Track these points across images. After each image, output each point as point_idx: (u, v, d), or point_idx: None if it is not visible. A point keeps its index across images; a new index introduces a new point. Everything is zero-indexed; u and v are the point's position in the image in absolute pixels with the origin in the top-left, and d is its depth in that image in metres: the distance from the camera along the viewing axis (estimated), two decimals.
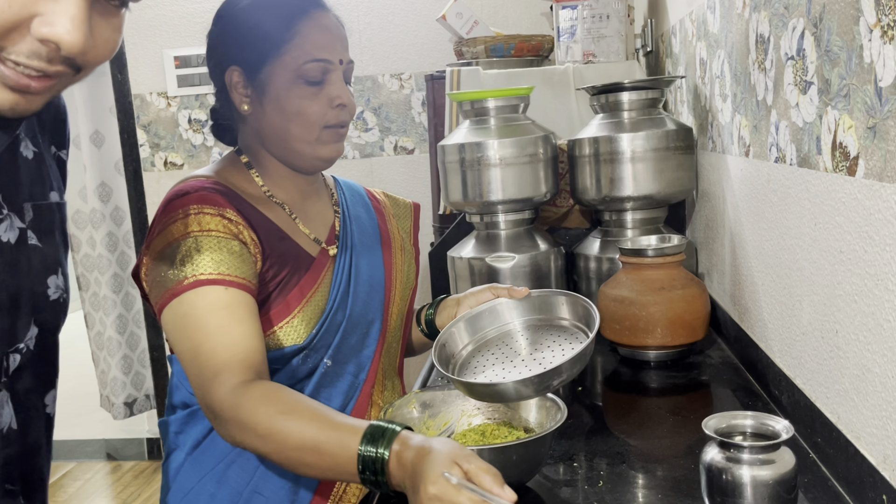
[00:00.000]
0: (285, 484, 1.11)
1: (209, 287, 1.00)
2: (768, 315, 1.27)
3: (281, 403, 0.94)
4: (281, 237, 1.13)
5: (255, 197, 1.15)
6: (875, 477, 0.86)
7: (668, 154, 1.63)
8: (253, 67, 1.11)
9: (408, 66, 3.20)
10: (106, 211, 3.65)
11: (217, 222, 1.04)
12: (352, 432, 0.89)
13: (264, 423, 0.92)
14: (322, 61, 1.11)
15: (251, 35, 1.11)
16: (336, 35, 1.14)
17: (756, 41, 1.24)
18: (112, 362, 3.68)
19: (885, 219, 0.82)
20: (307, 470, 0.94)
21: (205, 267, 1.01)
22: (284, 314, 1.10)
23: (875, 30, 0.80)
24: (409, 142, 3.24)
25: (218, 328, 0.99)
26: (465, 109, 1.77)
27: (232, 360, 0.97)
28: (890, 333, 0.82)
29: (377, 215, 1.32)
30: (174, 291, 1.01)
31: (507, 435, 1.11)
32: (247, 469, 1.12)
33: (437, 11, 2.87)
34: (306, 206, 1.21)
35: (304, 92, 1.11)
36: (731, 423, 0.88)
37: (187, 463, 1.14)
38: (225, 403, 0.95)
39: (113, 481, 3.40)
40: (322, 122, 1.12)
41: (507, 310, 1.23)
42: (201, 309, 1.00)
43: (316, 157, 1.15)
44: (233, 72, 1.12)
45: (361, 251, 1.23)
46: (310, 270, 1.14)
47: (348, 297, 1.18)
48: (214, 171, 1.16)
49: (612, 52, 2.19)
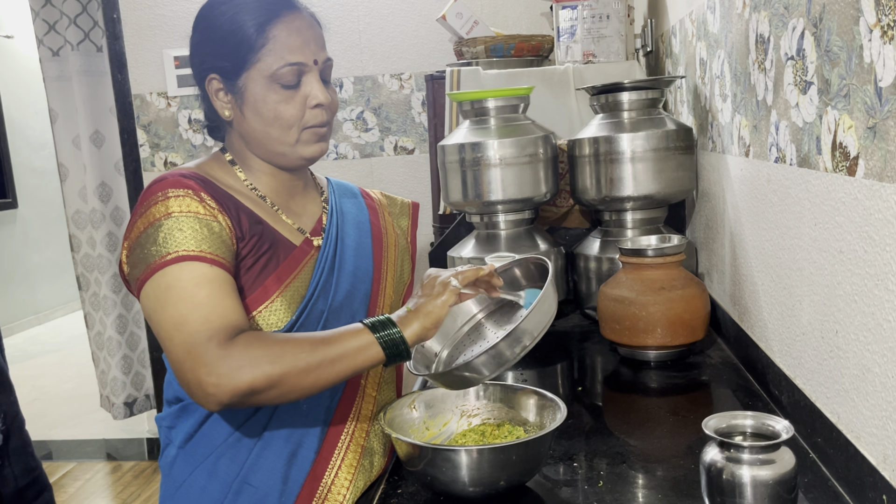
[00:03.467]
0: (275, 474, 1.13)
1: (194, 262, 1.01)
2: (768, 315, 1.27)
3: (273, 335, 1.00)
4: (259, 223, 1.14)
5: (237, 189, 1.16)
6: (875, 477, 0.86)
7: (668, 154, 1.63)
8: (230, 75, 1.13)
9: (408, 66, 3.20)
10: (106, 211, 3.65)
11: (196, 204, 1.06)
12: (354, 330, 1.02)
13: (276, 344, 0.97)
14: (296, 65, 1.11)
15: (226, 43, 1.11)
16: (309, 35, 1.13)
17: (756, 41, 1.24)
18: (112, 362, 3.68)
19: (885, 219, 0.82)
20: (318, 378, 0.98)
21: (188, 244, 1.02)
22: (263, 299, 1.10)
23: (875, 30, 0.80)
24: (409, 142, 3.24)
25: (208, 298, 1.00)
26: (465, 109, 1.77)
27: (226, 325, 0.98)
28: (890, 333, 0.82)
29: (369, 211, 1.33)
30: (156, 266, 1.02)
31: (507, 435, 1.11)
32: (236, 461, 1.13)
33: (437, 11, 2.87)
34: (292, 201, 1.22)
35: (280, 96, 1.11)
36: (731, 423, 0.88)
37: (179, 457, 1.16)
38: (227, 350, 0.96)
39: (113, 481, 3.40)
40: (300, 123, 1.13)
41: (472, 300, 1.22)
42: (186, 281, 1.00)
43: (299, 157, 1.16)
44: (212, 80, 1.15)
45: (348, 243, 1.24)
46: (289, 257, 1.15)
47: (330, 286, 1.18)
48: (196, 165, 1.18)
49: (612, 52, 2.19)
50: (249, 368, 0.95)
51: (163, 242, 1.02)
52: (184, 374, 0.97)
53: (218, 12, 1.13)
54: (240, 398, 0.96)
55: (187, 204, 1.05)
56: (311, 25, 1.15)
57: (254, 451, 1.13)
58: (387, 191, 1.45)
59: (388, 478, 1.12)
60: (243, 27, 1.10)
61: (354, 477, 1.18)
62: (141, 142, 3.39)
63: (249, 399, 0.97)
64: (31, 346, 5.78)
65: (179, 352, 0.98)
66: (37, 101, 6.15)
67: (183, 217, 1.04)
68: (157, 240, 1.03)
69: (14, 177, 6.23)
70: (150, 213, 1.05)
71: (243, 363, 0.95)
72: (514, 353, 1.01)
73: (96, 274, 3.69)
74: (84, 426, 3.97)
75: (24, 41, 6.23)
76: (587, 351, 1.63)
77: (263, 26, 1.10)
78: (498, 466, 0.97)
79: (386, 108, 3.23)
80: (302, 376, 0.97)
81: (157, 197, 1.06)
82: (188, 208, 1.05)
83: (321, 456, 1.16)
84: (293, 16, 1.13)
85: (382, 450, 1.24)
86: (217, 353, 0.95)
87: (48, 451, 3.73)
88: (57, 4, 3.52)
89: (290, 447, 1.14)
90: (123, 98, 3.34)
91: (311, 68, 1.13)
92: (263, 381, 0.95)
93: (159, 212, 1.05)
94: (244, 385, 0.95)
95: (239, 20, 1.11)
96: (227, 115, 1.16)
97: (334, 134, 3.24)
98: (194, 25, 1.16)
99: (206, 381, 0.95)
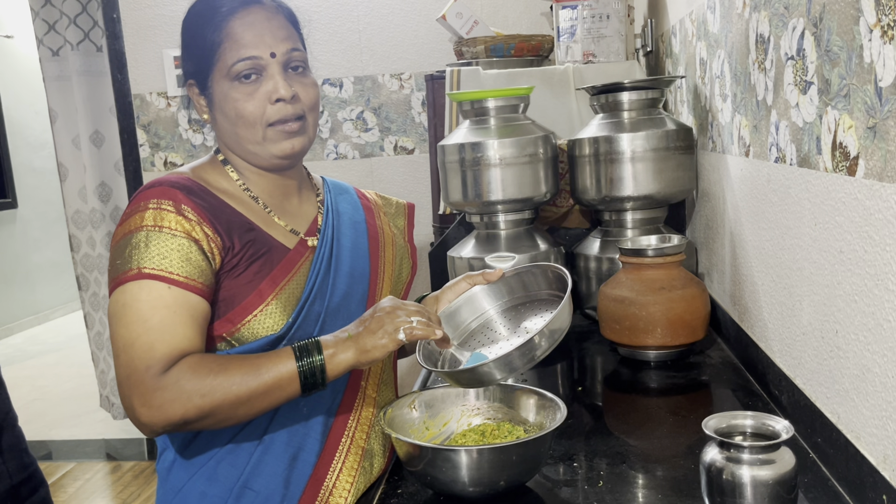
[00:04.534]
0: (276, 478, 1.12)
1: (152, 282, 1.01)
2: (768, 315, 1.27)
3: (209, 362, 0.99)
4: (250, 228, 1.13)
5: (229, 192, 1.16)
6: (875, 477, 0.86)
7: (668, 154, 1.63)
8: (201, 78, 1.14)
9: (408, 66, 3.20)
10: (106, 211, 3.65)
11: (172, 218, 1.05)
12: (284, 355, 1.01)
13: (210, 375, 0.98)
14: (250, 59, 1.09)
15: (194, 48, 1.13)
16: (264, 28, 1.11)
17: (756, 41, 1.24)
18: (112, 362, 3.68)
19: (885, 219, 0.82)
20: (255, 403, 0.99)
21: (150, 261, 1.02)
22: (258, 303, 1.09)
23: (875, 30, 0.80)
24: (409, 142, 3.24)
25: (160, 324, 1.00)
26: (465, 109, 1.77)
27: (169, 353, 0.99)
28: (890, 333, 0.82)
29: (365, 211, 1.32)
30: (119, 280, 1.02)
31: (507, 435, 1.11)
32: (237, 465, 1.12)
33: (437, 11, 2.87)
34: (286, 202, 1.21)
35: (240, 93, 1.10)
36: (731, 423, 0.88)
37: (178, 461, 1.15)
38: (161, 382, 0.96)
39: (113, 481, 3.40)
40: (263, 120, 1.11)
41: (485, 297, 1.23)
42: (143, 303, 1.00)
43: (270, 156, 1.14)
44: (190, 86, 1.17)
45: (344, 243, 1.23)
46: (283, 260, 1.14)
47: (327, 286, 1.17)
48: (191, 168, 1.18)
49: (612, 52, 2.19)
50: (181, 402, 0.96)
51: (129, 256, 1.03)
52: (122, 398, 1.00)
53: (187, 19, 1.15)
54: (173, 428, 0.99)
55: (162, 217, 1.04)
56: (268, 17, 1.12)
57: (254, 454, 1.12)
58: (387, 191, 1.45)
59: (388, 478, 1.12)
60: (204, 29, 1.11)
61: (355, 479, 1.17)
62: (141, 142, 3.39)
63: (184, 428, 1.00)
64: (30, 346, 5.78)
65: (121, 374, 1.00)
66: (37, 101, 6.15)
67: (153, 232, 1.03)
68: (124, 253, 1.03)
69: (14, 177, 6.23)
70: (127, 222, 1.06)
71: (175, 396, 0.96)
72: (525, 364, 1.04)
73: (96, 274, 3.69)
74: (84, 426, 3.97)
75: (24, 41, 6.23)
76: (587, 351, 1.63)
77: (220, 25, 1.10)
78: (498, 466, 0.97)
79: (386, 108, 3.23)
80: (234, 408, 0.99)
81: (139, 206, 1.06)
82: (161, 222, 1.04)
83: (322, 459, 1.15)
84: (249, 10, 1.11)
85: (382, 451, 1.24)
86: (151, 385, 0.97)
87: (48, 451, 3.73)
88: (57, 4, 3.52)
89: (291, 450, 1.13)
90: (123, 98, 3.34)
91: (268, 62, 1.10)
92: (195, 413, 0.98)
93: (134, 223, 1.05)
94: (176, 418, 0.97)
95: (201, 23, 1.12)
96: (205, 118, 1.18)
97: (334, 134, 3.24)
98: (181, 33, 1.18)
99: (139, 411, 0.97)
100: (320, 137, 3.25)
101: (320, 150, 3.26)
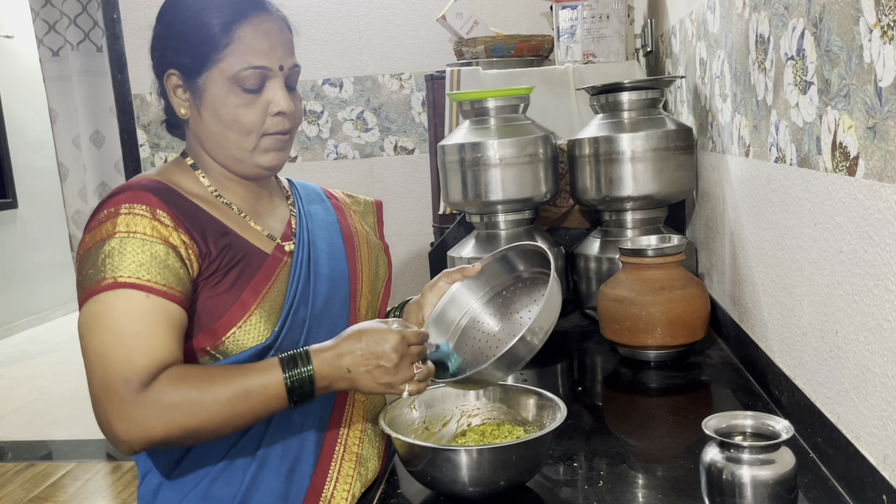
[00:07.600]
0: (275, 493, 1.09)
1: (129, 290, 0.96)
2: (768, 315, 1.27)
3: (192, 376, 0.95)
4: (226, 234, 1.09)
5: (201, 197, 1.11)
6: (875, 477, 0.86)
7: (668, 154, 1.63)
8: (190, 73, 1.08)
9: (408, 66, 3.20)
10: None
11: (146, 224, 1.00)
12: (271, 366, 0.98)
13: (194, 389, 0.94)
14: (260, 68, 1.07)
15: (188, 39, 1.07)
16: (276, 40, 1.09)
17: (756, 41, 1.24)
18: None
19: (885, 219, 0.82)
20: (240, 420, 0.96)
21: (125, 269, 0.97)
22: (241, 313, 1.05)
23: (875, 30, 0.80)
24: (409, 142, 3.24)
25: (136, 334, 0.95)
26: (465, 109, 1.77)
27: (149, 366, 0.94)
28: (890, 333, 0.82)
29: (336, 211, 1.30)
30: (92, 290, 0.97)
31: (507, 435, 1.11)
32: (232, 483, 1.08)
33: (437, 11, 2.87)
34: (258, 205, 1.18)
35: (241, 100, 1.07)
36: (731, 423, 0.88)
37: (165, 484, 1.09)
38: (140, 396, 0.92)
39: (113, 481, 3.40)
40: (260, 130, 1.09)
41: (467, 292, 1.22)
42: (119, 312, 0.95)
43: (255, 165, 1.12)
44: (171, 75, 1.10)
45: (320, 246, 1.20)
46: (263, 267, 1.10)
47: (309, 291, 1.14)
48: (158, 172, 1.12)
49: (612, 52, 2.19)
50: (162, 419, 0.92)
51: (101, 265, 0.97)
52: (98, 413, 0.94)
53: (184, 6, 1.09)
54: (152, 446, 0.94)
55: (136, 223, 0.99)
56: (280, 29, 1.10)
57: (249, 471, 1.08)
58: (387, 191, 1.45)
59: (387, 478, 1.12)
60: (208, 24, 1.06)
61: (352, 486, 1.15)
62: (141, 142, 3.39)
63: (163, 445, 0.95)
64: (31, 346, 5.78)
65: (96, 388, 0.94)
66: (37, 101, 6.14)
67: (128, 239, 0.98)
68: (96, 261, 0.98)
69: (14, 177, 6.23)
70: (98, 229, 1.00)
71: (157, 413, 0.92)
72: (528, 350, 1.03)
73: None
74: (84, 426, 3.97)
75: (24, 41, 6.23)
76: (587, 351, 1.63)
77: (229, 25, 1.06)
78: (498, 466, 0.97)
79: (386, 108, 3.23)
80: (219, 425, 0.95)
81: (109, 212, 1.01)
82: (135, 228, 0.99)
83: (319, 468, 1.13)
84: (262, 17, 1.08)
85: (376, 454, 1.22)
86: (130, 399, 0.92)
87: (48, 451, 3.73)
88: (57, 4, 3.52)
89: (287, 463, 1.10)
90: (123, 98, 3.34)
91: (275, 73, 1.09)
92: (177, 432, 0.93)
93: (106, 230, 0.99)
94: (157, 435, 0.93)
95: (204, 16, 1.07)
96: (183, 113, 1.11)
97: (334, 134, 3.24)
98: (158, 16, 1.12)
99: (117, 427, 0.92)
100: (320, 137, 3.25)
101: (320, 150, 3.26)
